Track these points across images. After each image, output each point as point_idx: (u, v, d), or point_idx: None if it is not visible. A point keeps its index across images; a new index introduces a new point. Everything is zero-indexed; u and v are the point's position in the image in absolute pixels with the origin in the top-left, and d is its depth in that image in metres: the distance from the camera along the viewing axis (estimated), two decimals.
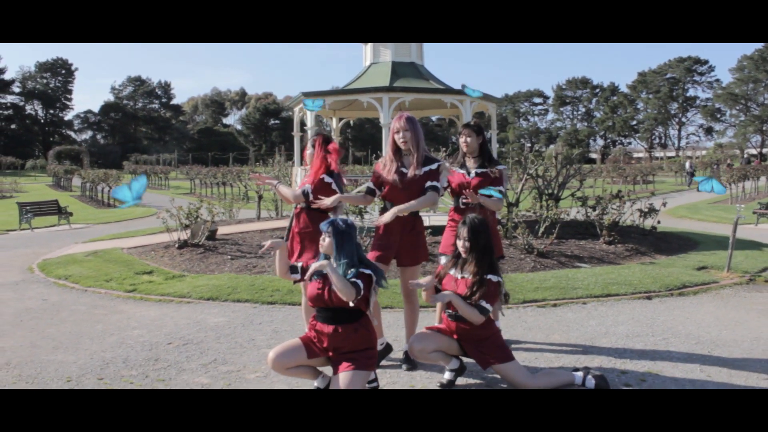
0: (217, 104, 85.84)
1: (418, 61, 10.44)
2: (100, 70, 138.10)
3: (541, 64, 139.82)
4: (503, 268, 6.65)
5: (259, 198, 13.24)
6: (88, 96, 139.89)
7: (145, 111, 77.12)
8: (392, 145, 3.96)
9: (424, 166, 3.89)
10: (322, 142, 4.10)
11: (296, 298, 5.77)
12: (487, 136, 6.23)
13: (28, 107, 71.87)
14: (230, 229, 10.09)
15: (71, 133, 74.72)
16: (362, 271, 3.24)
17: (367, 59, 10.60)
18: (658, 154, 69.87)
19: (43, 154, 59.88)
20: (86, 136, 76.44)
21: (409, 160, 3.95)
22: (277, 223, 10.89)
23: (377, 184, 4.03)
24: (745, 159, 51.88)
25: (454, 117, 12.21)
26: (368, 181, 4.18)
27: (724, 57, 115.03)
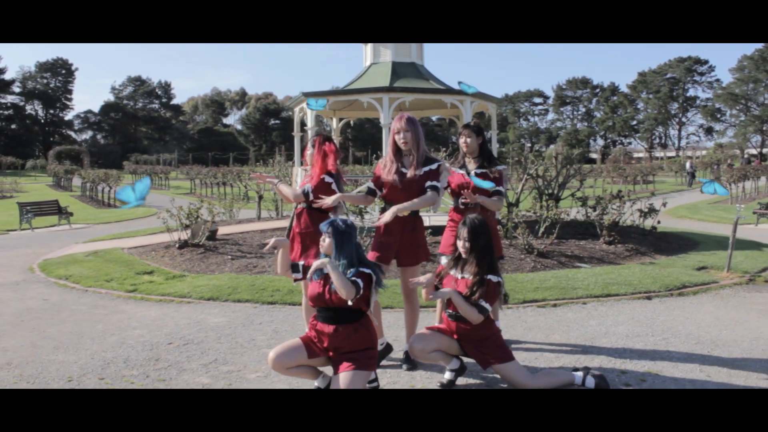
0: (217, 104, 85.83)
1: (418, 62, 10.45)
2: (100, 70, 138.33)
3: (541, 64, 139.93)
4: (503, 269, 6.66)
5: (260, 198, 13.24)
6: (88, 96, 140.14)
7: (145, 111, 77.13)
8: (393, 146, 3.97)
9: (424, 166, 3.90)
10: (322, 142, 4.11)
11: (297, 298, 5.77)
12: (488, 136, 6.23)
13: (29, 107, 71.91)
14: (230, 229, 10.10)
15: (71, 133, 74.74)
16: (362, 270, 3.24)
17: (368, 59, 10.61)
18: (659, 154, 69.85)
19: (44, 154, 59.91)
20: (86, 136, 76.53)
21: (409, 161, 3.96)
22: (278, 223, 10.90)
23: (377, 184, 4.03)
24: (746, 159, 51.87)
25: (455, 117, 12.22)
26: (369, 181, 4.18)
27: (724, 57, 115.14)
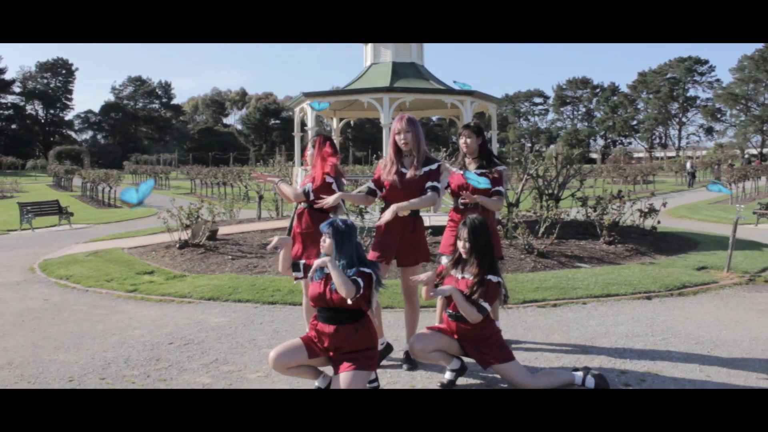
0: (218, 104, 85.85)
1: (418, 62, 10.45)
2: (101, 70, 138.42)
3: (541, 64, 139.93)
4: (503, 269, 6.66)
5: (260, 198, 13.24)
6: (88, 96, 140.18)
7: (145, 111, 77.15)
8: (393, 146, 3.98)
9: (425, 167, 3.91)
10: (322, 142, 4.12)
11: (297, 299, 5.78)
12: (488, 136, 6.22)
13: (29, 107, 71.94)
14: (231, 229, 10.11)
15: (72, 133, 74.79)
16: (362, 269, 3.25)
17: (368, 59, 10.61)
18: (659, 154, 69.85)
19: (44, 154, 59.95)
20: (87, 136, 76.59)
21: (409, 161, 3.96)
22: (278, 223, 10.90)
23: (378, 184, 4.04)
24: (746, 159, 51.87)
25: (455, 117, 12.22)
26: (369, 181, 4.19)
27: (724, 57, 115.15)
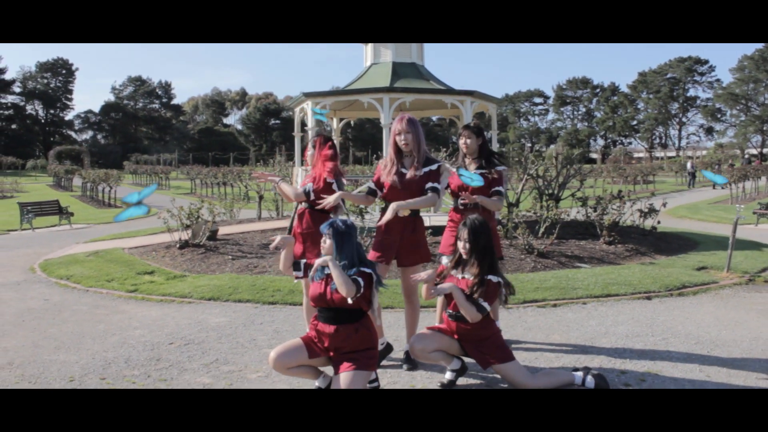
0: (218, 104, 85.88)
1: (418, 62, 10.46)
2: (101, 70, 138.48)
3: (541, 64, 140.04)
4: (503, 269, 6.65)
5: (260, 198, 13.25)
6: (88, 96, 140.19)
7: (145, 111, 77.17)
8: (393, 146, 3.99)
9: (425, 167, 3.92)
10: (323, 142, 4.12)
11: (297, 299, 5.78)
12: (488, 136, 6.23)
13: (29, 107, 71.97)
14: (231, 230, 10.11)
15: (72, 133, 74.82)
16: (363, 270, 3.26)
17: (368, 59, 10.62)
18: (659, 154, 69.85)
19: (44, 154, 59.97)
20: (87, 136, 76.62)
21: (410, 161, 3.97)
22: (278, 223, 10.91)
23: (378, 184, 4.05)
24: (746, 159, 51.88)
25: (455, 117, 12.23)
26: (369, 181, 4.19)
27: (724, 57, 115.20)
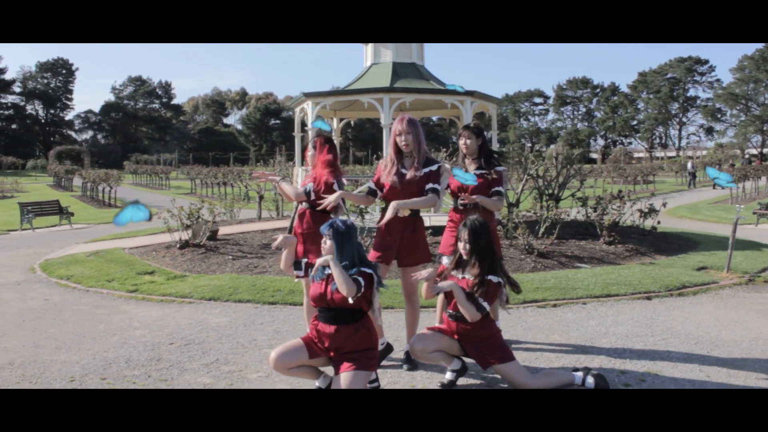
0: (218, 104, 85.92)
1: (418, 62, 10.46)
2: (101, 70, 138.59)
3: (541, 64, 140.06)
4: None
5: (260, 198, 13.25)
6: (88, 96, 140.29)
7: (145, 111, 77.20)
8: (393, 147, 3.99)
9: (425, 168, 3.92)
10: (323, 143, 4.13)
11: (298, 299, 5.78)
12: (488, 136, 6.22)
13: (29, 107, 72.00)
14: (231, 230, 10.11)
15: (72, 133, 74.87)
16: (363, 270, 3.26)
17: (368, 60, 10.62)
18: (659, 154, 69.87)
19: (44, 154, 59.99)
20: (87, 136, 76.69)
21: (410, 162, 3.97)
22: (278, 223, 10.91)
23: (378, 185, 4.05)
24: (746, 159, 51.88)
25: (455, 117, 12.23)
26: (370, 181, 4.20)
27: (724, 57, 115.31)
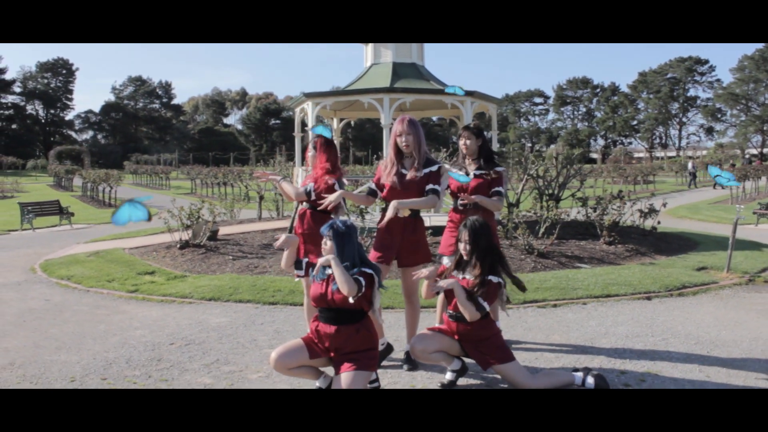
0: (218, 104, 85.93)
1: (418, 62, 10.46)
2: (101, 70, 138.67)
3: (541, 64, 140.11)
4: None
5: (261, 198, 13.25)
6: (88, 96, 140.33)
7: (145, 111, 77.21)
8: (394, 147, 3.99)
9: (425, 168, 3.93)
10: (323, 143, 4.13)
11: (298, 299, 5.79)
12: (488, 136, 6.23)
13: (29, 107, 72.02)
14: (231, 230, 10.12)
15: (72, 133, 74.90)
16: (364, 270, 3.26)
17: (368, 60, 10.62)
18: (659, 154, 69.87)
19: (44, 154, 60.01)
20: (87, 136, 76.73)
21: (410, 162, 3.98)
22: (279, 223, 10.91)
23: (378, 185, 4.06)
24: (746, 159, 51.89)
25: (455, 117, 12.23)
26: (370, 182, 4.20)
27: (724, 57, 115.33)
